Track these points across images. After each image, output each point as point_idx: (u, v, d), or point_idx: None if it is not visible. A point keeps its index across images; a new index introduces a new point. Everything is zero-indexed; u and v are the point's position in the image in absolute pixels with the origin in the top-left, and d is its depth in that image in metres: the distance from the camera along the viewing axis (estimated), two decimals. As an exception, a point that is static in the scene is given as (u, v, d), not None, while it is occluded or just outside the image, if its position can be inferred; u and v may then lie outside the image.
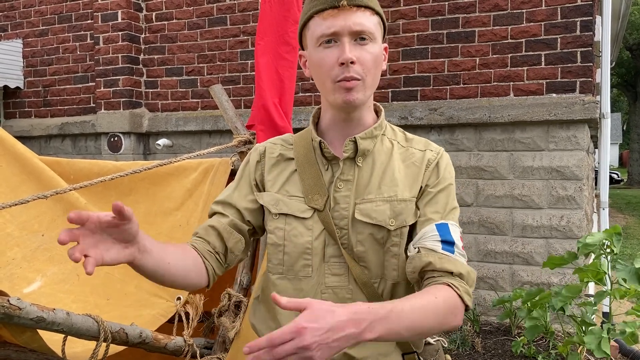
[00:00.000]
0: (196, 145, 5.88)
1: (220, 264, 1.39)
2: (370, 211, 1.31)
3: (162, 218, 2.15)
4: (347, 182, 1.34)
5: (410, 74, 5.06)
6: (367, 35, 1.28)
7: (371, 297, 1.33)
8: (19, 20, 6.78)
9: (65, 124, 6.46)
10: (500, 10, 4.73)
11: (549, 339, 4.22)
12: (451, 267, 1.25)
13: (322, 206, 1.33)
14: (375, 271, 1.33)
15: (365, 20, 1.28)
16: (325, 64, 1.29)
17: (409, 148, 1.40)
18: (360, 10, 1.28)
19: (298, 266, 1.35)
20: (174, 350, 1.75)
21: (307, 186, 1.35)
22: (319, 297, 1.32)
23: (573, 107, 4.43)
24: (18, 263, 1.93)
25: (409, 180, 1.35)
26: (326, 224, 1.33)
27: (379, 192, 1.33)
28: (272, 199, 1.38)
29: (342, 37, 1.27)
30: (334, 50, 1.28)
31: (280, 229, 1.36)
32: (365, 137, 1.35)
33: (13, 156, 2.14)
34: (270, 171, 1.42)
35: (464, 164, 4.85)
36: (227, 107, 2.25)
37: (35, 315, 1.34)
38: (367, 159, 1.37)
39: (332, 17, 1.27)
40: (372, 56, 1.29)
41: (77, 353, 1.59)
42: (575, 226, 4.52)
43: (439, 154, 1.39)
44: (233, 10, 5.72)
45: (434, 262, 1.24)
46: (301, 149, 1.40)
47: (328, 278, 1.33)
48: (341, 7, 1.26)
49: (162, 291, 1.97)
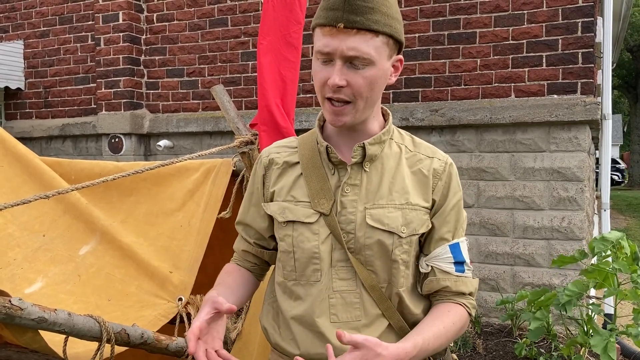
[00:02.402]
0: (197, 147, 5.88)
1: (266, 268, 1.60)
2: (383, 217, 1.32)
3: (163, 218, 2.14)
4: (355, 186, 1.34)
5: (411, 75, 5.06)
6: (362, 61, 1.24)
7: (380, 300, 1.33)
8: (20, 21, 6.79)
9: (66, 125, 6.46)
10: (501, 12, 4.73)
11: (552, 340, 4.21)
12: (464, 288, 1.38)
13: (328, 210, 1.33)
14: (382, 276, 1.34)
15: (363, 44, 1.23)
16: (319, 79, 1.29)
17: (417, 153, 1.40)
18: (359, 34, 1.22)
19: (309, 271, 1.35)
20: (175, 351, 1.74)
21: (313, 190, 1.35)
22: (327, 302, 1.33)
23: (574, 109, 4.43)
24: (19, 264, 1.92)
25: (419, 188, 1.36)
26: (332, 228, 1.33)
27: (391, 199, 1.33)
28: (278, 208, 1.40)
29: (336, 59, 1.25)
30: (328, 69, 1.26)
31: (289, 235, 1.37)
32: (373, 142, 1.35)
33: (14, 157, 2.14)
34: (276, 182, 1.43)
35: (465, 165, 4.85)
36: (229, 108, 2.25)
37: (37, 316, 1.33)
38: (375, 163, 1.36)
39: (330, 36, 1.24)
40: (367, 81, 1.26)
41: (78, 354, 1.58)
42: (577, 227, 4.52)
43: (447, 164, 1.39)
44: (234, 11, 5.72)
45: (450, 286, 1.36)
46: (306, 152, 1.40)
47: (335, 282, 1.33)
48: (338, 28, 1.22)
49: (163, 292, 1.96)
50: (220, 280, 1.48)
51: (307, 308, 1.34)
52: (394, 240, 1.31)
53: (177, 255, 2.05)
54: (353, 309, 1.33)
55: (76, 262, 2.00)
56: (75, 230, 2.07)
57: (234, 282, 1.48)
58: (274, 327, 1.43)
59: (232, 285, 1.47)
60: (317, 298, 1.33)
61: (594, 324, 3.59)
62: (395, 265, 1.33)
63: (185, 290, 1.97)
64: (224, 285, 1.45)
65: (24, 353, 1.78)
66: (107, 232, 2.08)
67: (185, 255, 2.04)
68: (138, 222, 2.15)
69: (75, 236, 2.05)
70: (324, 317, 1.32)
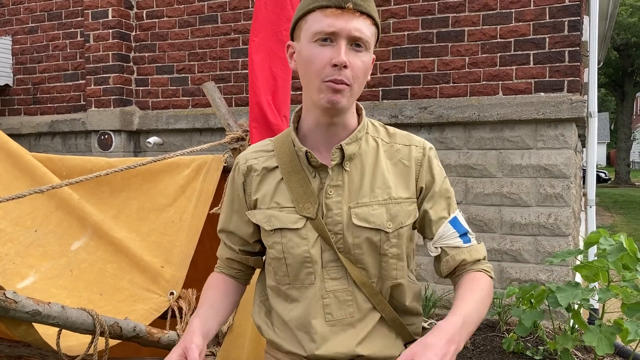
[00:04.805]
0: (187, 143, 5.88)
1: (252, 273, 1.59)
2: (368, 215, 1.33)
3: (155, 214, 2.16)
4: (337, 187, 1.34)
5: (400, 72, 5.10)
6: (364, 43, 1.27)
7: (371, 295, 1.36)
8: (8, 17, 6.75)
9: (55, 122, 6.43)
10: (489, 10, 4.78)
11: (540, 334, 4.27)
12: (478, 255, 1.40)
13: (314, 214, 1.33)
14: (373, 271, 1.36)
15: (366, 28, 1.27)
16: (317, 61, 1.27)
17: (393, 144, 1.41)
18: (362, 17, 1.26)
19: (302, 275, 1.37)
20: (167, 344, 1.76)
21: (297, 195, 1.35)
22: (321, 303, 1.35)
23: (561, 106, 4.49)
24: (11, 259, 1.94)
25: (401, 180, 1.37)
26: (320, 231, 1.34)
27: (373, 196, 1.34)
28: (264, 217, 1.39)
29: (340, 39, 1.25)
30: (329, 50, 1.26)
31: (278, 242, 1.37)
32: (350, 142, 1.35)
33: (5, 153, 2.15)
34: (257, 190, 1.42)
35: (453, 162, 4.89)
36: (220, 105, 2.27)
37: (31, 309, 1.35)
38: (354, 161, 1.36)
39: (335, 16, 1.25)
40: (364, 65, 1.29)
41: (71, 347, 1.60)
42: (563, 224, 4.58)
43: (425, 149, 1.40)
44: (224, 8, 5.73)
45: (466, 259, 1.38)
46: (284, 156, 1.39)
47: (328, 283, 1.35)
48: (346, 9, 1.24)
49: (155, 286, 1.98)
50: (204, 299, 1.48)
51: (303, 310, 1.36)
52: (381, 237, 1.33)
53: (168, 250, 2.07)
54: (346, 306, 1.35)
55: (68, 257, 2.01)
56: (68, 226, 2.08)
57: (218, 299, 1.48)
58: (267, 324, 1.44)
59: (215, 303, 1.47)
60: (312, 300, 1.35)
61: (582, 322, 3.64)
62: (385, 259, 1.35)
63: (177, 284, 1.99)
64: (208, 304, 1.46)
65: (17, 347, 1.79)
66: (99, 227, 2.09)
67: (176, 250, 2.06)
68: (130, 218, 2.16)
69: (67, 231, 2.07)
70: (319, 318, 1.35)
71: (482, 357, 4.07)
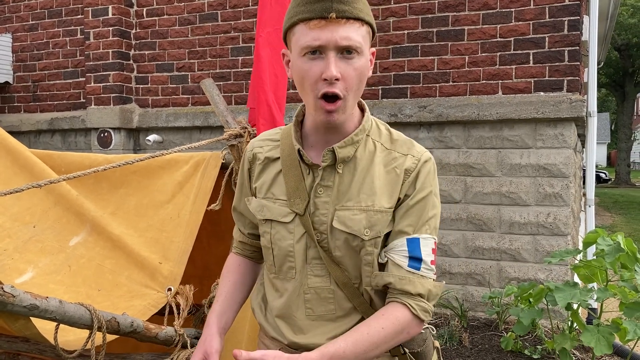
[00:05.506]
0: (186, 141, 5.89)
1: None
2: (347, 219, 1.32)
3: (153, 210, 2.16)
4: (327, 188, 1.34)
5: (400, 71, 5.10)
6: (355, 49, 1.22)
7: (353, 297, 1.36)
8: (9, 14, 6.75)
9: (54, 119, 6.44)
10: (489, 9, 4.78)
11: (538, 333, 4.28)
12: (410, 288, 1.29)
13: (302, 211, 1.34)
14: (353, 273, 1.36)
15: (354, 33, 1.21)
16: (309, 77, 1.24)
17: (392, 151, 1.36)
18: (349, 23, 1.21)
19: (285, 268, 1.39)
20: (164, 340, 1.76)
21: (290, 189, 1.36)
22: (302, 298, 1.37)
23: (560, 106, 4.49)
24: (9, 254, 1.94)
25: (388, 189, 1.33)
26: (307, 228, 1.35)
27: (357, 201, 1.32)
28: (257, 205, 1.42)
29: (328, 51, 1.21)
30: (319, 64, 1.22)
31: (267, 232, 1.40)
32: (344, 145, 1.32)
33: (5, 149, 2.15)
34: (258, 178, 1.45)
35: (452, 161, 4.90)
36: (218, 101, 2.27)
37: (28, 303, 1.35)
38: (349, 164, 1.34)
39: (319, 28, 1.20)
40: (357, 72, 1.24)
41: (69, 342, 1.61)
42: (562, 223, 4.58)
43: (419, 161, 1.34)
44: (224, 6, 5.73)
45: (394, 283, 1.30)
46: (286, 149, 1.40)
47: (310, 279, 1.36)
48: (330, 19, 1.19)
49: (153, 282, 1.98)
50: (222, 287, 1.54)
51: (286, 302, 1.40)
52: (357, 242, 1.32)
53: (166, 246, 2.07)
54: (327, 303, 1.37)
55: (67, 253, 2.02)
56: (66, 222, 2.08)
57: (233, 288, 1.53)
58: (260, 308, 1.48)
59: (230, 292, 1.52)
60: (293, 293, 1.38)
61: (580, 319, 3.65)
62: (362, 265, 1.35)
63: (175, 280, 1.99)
64: (224, 295, 1.51)
65: (14, 342, 1.79)
66: (97, 223, 2.10)
67: (174, 247, 2.06)
68: (128, 214, 2.17)
69: (65, 227, 2.07)
70: (301, 311, 1.38)
71: (480, 355, 4.08)
